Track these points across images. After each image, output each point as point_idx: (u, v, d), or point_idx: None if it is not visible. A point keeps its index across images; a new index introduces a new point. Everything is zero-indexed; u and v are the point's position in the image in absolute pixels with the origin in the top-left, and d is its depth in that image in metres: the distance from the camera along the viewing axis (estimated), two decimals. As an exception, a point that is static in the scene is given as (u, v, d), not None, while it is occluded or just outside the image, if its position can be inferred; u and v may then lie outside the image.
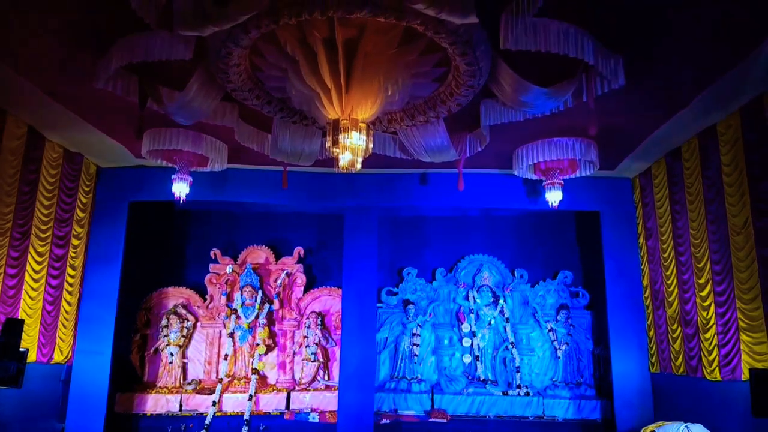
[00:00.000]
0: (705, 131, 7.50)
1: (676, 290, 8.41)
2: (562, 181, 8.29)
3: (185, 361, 10.14)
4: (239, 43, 5.31)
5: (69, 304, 8.93)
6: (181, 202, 8.44)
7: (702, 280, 7.67)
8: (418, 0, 4.46)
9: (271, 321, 10.32)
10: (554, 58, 5.23)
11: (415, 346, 10.18)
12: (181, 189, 8.29)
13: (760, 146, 6.49)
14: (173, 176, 8.28)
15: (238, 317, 10.08)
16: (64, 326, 8.83)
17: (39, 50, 5.82)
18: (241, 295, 10.09)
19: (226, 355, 10.00)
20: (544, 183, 8.47)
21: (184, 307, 10.30)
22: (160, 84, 6.33)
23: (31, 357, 7.96)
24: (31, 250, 8.13)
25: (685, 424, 7.30)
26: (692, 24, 5.17)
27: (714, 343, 7.38)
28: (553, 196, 8.35)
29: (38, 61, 6.04)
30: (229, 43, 5.29)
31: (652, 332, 9.21)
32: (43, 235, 8.34)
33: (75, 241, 9.04)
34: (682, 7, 4.91)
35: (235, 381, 9.92)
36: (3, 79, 6.34)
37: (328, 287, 10.56)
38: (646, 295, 9.41)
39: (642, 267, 9.52)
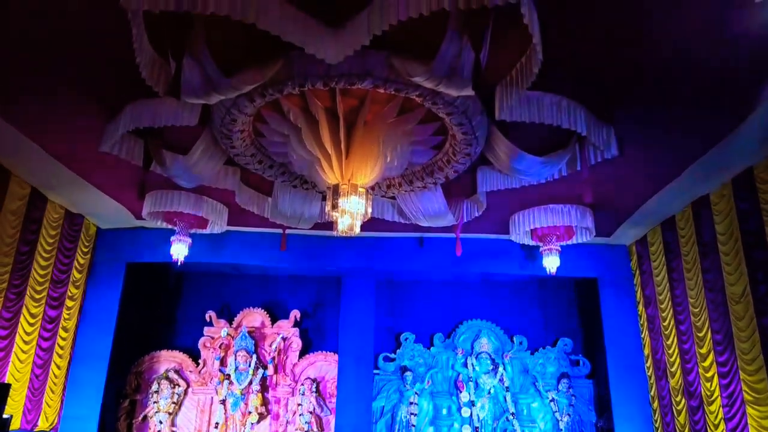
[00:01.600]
0: (698, 200, 7.63)
1: (678, 360, 8.25)
2: (559, 248, 8.34)
3: (174, 429, 9.76)
4: (244, 110, 5.50)
5: (58, 367, 8.72)
6: (179, 263, 8.43)
7: (704, 350, 7.55)
8: (417, 74, 4.67)
9: (264, 387, 10.03)
10: (549, 127, 5.41)
11: (412, 416, 9.83)
12: (179, 251, 8.31)
13: (753, 216, 6.57)
14: (172, 238, 8.32)
15: (230, 383, 9.80)
16: (52, 391, 8.58)
17: (47, 112, 5.98)
18: (235, 359, 9.87)
19: (217, 424, 9.64)
20: (541, 249, 8.52)
21: (176, 371, 10.04)
22: (164, 147, 6.49)
23: (15, 424, 7.67)
24: (24, 311, 8.03)
25: None
26: (683, 97, 5.35)
27: (720, 416, 7.16)
28: (551, 262, 8.37)
29: (45, 123, 6.20)
30: (234, 110, 5.48)
31: (656, 404, 8.95)
32: (37, 296, 8.27)
33: (69, 303, 8.95)
34: (673, 80, 5.11)
35: (225, 451, 9.51)
36: (9, 140, 6.48)
37: (324, 352, 10.35)
38: (647, 364, 9.23)
39: (642, 336, 9.39)
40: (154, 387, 9.75)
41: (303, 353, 10.31)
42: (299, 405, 9.81)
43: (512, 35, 4.46)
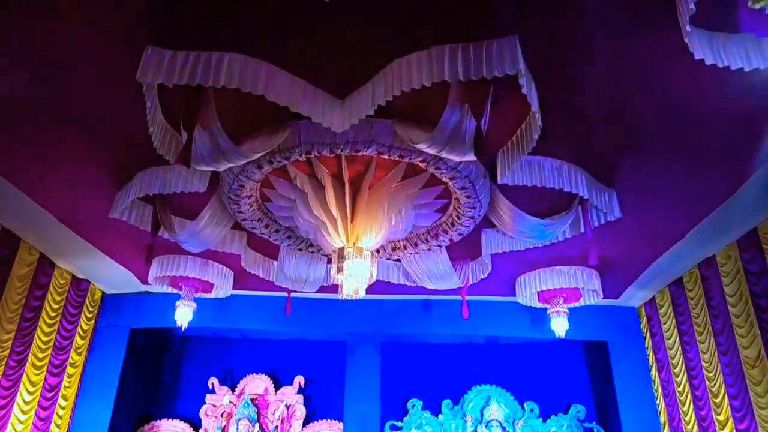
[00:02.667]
0: (705, 262, 7.59)
1: (695, 428, 7.94)
2: (566, 310, 8.24)
3: (172, 504, 9.34)
4: (252, 177, 5.63)
5: (56, 438, 8.47)
6: (183, 329, 8.36)
7: (722, 417, 7.28)
8: (420, 141, 4.82)
9: (266, 458, 9.66)
10: (552, 189, 5.49)
11: (420, 489, 9.39)
12: (184, 316, 8.25)
13: (762, 278, 6.52)
14: (177, 302, 8.29)
15: (232, 454, 9.46)
16: (47, 464, 8.29)
17: (57, 179, 6.11)
18: (237, 428, 9.56)
19: (217, 498, 9.22)
20: (548, 311, 8.41)
21: (176, 442, 9.71)
22: (172, 213, 6.60)
23: (4, 502, 7.38)
24: (24, 379, 7.89)
25: None
26: (682, 161, 5.44)
27: (744, 488, 6.81)
28: (559, 325, 8.24)
29: (55, 190, 6.33)
30: (243, 176, 5.61)
31: (676, 476, 8.53)
32: (39, 363, 8.15)
33: (71, 370, 8.80)
34: (672, 144, 5.21)
35: None
36: (19, 206, 6.60)
37: (329, 420, 10.01)
38: (665, 432, 8.87)
39: (657, 401, 9.07)
40: (153, 459, 9.41)
41: (307, 422, 9.98)
42: (302, 478, 9.41)
43: (512, 103, 4.61)
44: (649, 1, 3.60)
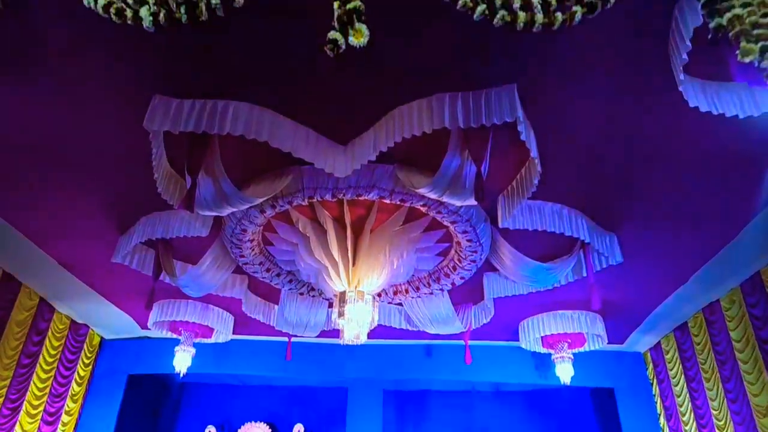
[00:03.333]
0: (709, 306, 7.52)
1: (708, 479, 7.67)
2: (571, 355, 8.10)
3: None
4: (254, 221, 5.67)
5: (45, 492, 8.20)
6: (181, 375, 8.22)
7: (735, 469, 7.05)
8: (421, 186, 4.87)
9: None
10: (554, 233, 5.50)
11: None
12: (183, 361, 8.13)
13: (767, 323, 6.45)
14: (176, 348, 8.18)
15: (227, 507, 9.12)
16: None
17: (60, 223, 6.14)
18: (233, 480, 9.27)
19: None
20: (553, 357, 8.28)
21: (170, 495, 9.39)
22: (174, 257, 6.60)
23: None
24: (18, 428, 7.71)
25: None
26: (683, 204, 5.48)
27: None
28: (564, 371, 8.09)
29: (58, 234, 6.35)
30: (245, 221, 5.64)
31: None
32: (33, 412, 7.98)
33: (65, 418, 8.60)
34: (672, 190, 5.25)
35: None
36: (22, 251, 6.62)
37: (329, 471, 9.72)
38: (677, 484, 8.56)
39: (668, 452, 8.81)
40: None
41: (306, 472, 9.68)
42: None
43: (512, 148, 4.69)
44: (644, 48, 3.71)
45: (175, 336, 8.28)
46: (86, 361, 9.05)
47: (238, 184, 5.06)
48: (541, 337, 8.11)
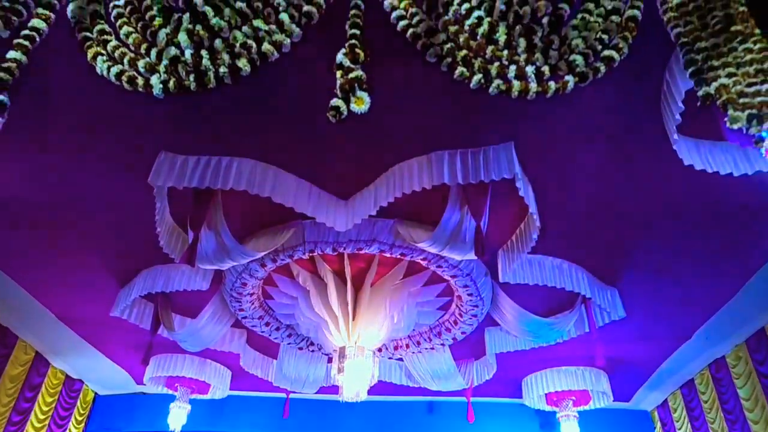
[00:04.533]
0: (716, 362, 7.38)
1: None
2: (576, 414, 7.88)
3: None
4: (255, 275, 5.66)
5: None
6: (175, 433, 7.99)
7: None
8: (421, 240, 4.91)
9: None
10: (555, 288, 5.49)
11: None
12: (178, 419, 7.91)
13: (776, 379, 6.32)
14: (171, 404, 7.98)
15: None
16: None
17: (60, 276, 6.13)
18: None
19: None
20: (558, 415, 8.05)
21: None
22: (173, 311, 6.55)
23: None
24: (5, 488, 7.43)
25: None
26: (684, 258, 5.47)
27: None
28: (570, 430, 7.85)
29: (58, 287, 6.33)
30: (246, 274, 5.64)
31: None
32: (21, 471, 7.71)
33: (54, 478, 8.30)
34: (672, 243, 5.26)
35: None
36: (21, 304, 6.57)
37: None
38: None
39: None
40: None
41: None
42: None
43: (511, 203, 4.74)
44: (637, 108, 3.82)
45: (170, 392, 8.09)
46: (79, 418, 8.81)
47: (240, 237, 5.10)
48: (545, 394, 7.92)
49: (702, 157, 3.85)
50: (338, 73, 1.98)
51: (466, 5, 2.16)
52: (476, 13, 2.13)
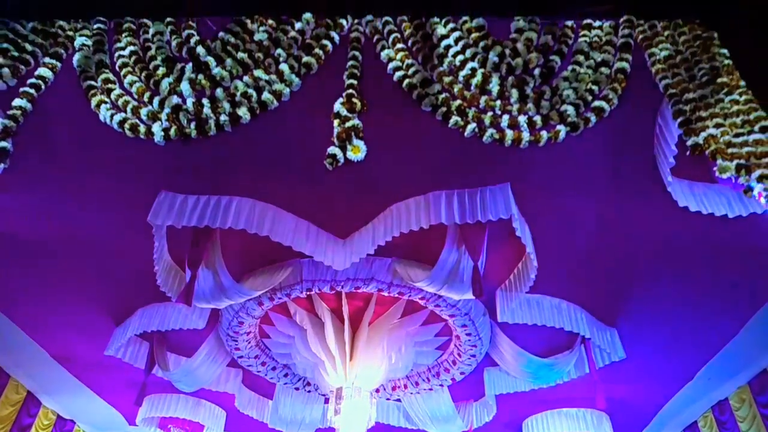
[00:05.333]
0: (719, 405, 7.25)
1: None
2: (579, 458, 7.69)
3: None
4: (252, 313, 5.63)
5: None
6: (167, 476, 7.77)
7: None
8: (419, 279, 4.90)
9: None
10: (554, 327, 5.46)
11: None
12: (169, 461, 7.72)
13: (782, 424, 6.20)
14: (163, 446, 7.80)
15: None
16: None
17: (57, 315, 6.08)
18: None
19: None
20: (560, 459, 7.85)
21: None
22: (168, 350, 6.48)
23: None
24: None
25: None
26: (684, 299, 5.44)
27: None
28: (572, 475, 7.64)
29: (53, 325, 6.27)
30: (242, 313, 5.61)
31: None
32: None
33: None
34: (671, 283, 5.25)
35: None
36: (15, 342, 6.48)
37: None
38: None
39: None
40: None
41: None
42: None
43: (509, 242, 4.76)
44: (631, 152, 3.88)
45: (163, 433, 7.91)
46: (69, 460, 8.58)
47: (238, 276, 5.10)
48: (547, 436, 7.75)
49: (696, 199, 3.90)
50: (336, 122, 2.03)
51: (460, 57, 2.24)
52: (470, 65, 2.21)
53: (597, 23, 2.34)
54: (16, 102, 2.12)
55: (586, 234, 4.72)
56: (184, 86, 2.18)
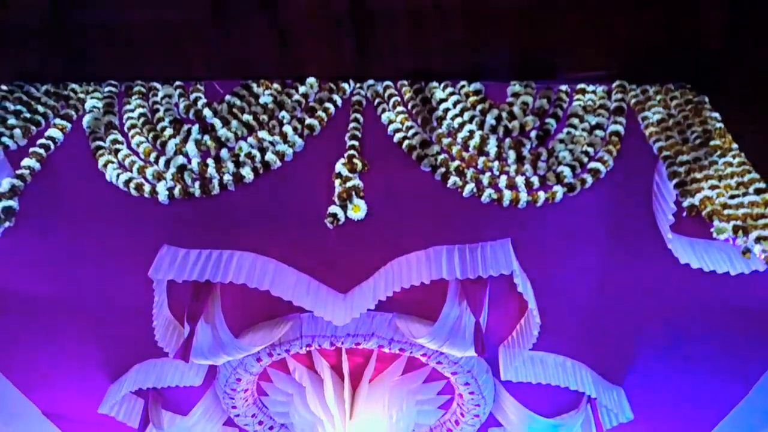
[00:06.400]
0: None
1: None
2: None
3: None
4: (250, 370, 5.54)
5: None
6: None
7: None
8: (421, 335, 4.85)
9: None
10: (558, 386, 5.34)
11: None
12: None
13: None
14: None
15: None
16: None
17: (50, 370, 5.92)
18: None
19: None
20: None
21: None
22: (163, 407, 6.32)
23: None
24: None
25: None
26: (691, 359, 5.35)
27: None
28: None
29: (46, 381, 6.14)
30: (240, 369, 5.52)
31: None
32: None
33: None
34: (678, 343, 5.17)
35: None
36: (5, 398, 6.32)
37: None
38: None
39: None
40: None
41: None
42: None
43: (511, 297, 4.74)
44: (630, 210, 3.92)
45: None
46: None
47: (237, 330, 5.04)
48: (555, 501, 7.42)
49: (697, 255, 3.90)
50: (337, 182, 2.08)
51: (458, 120, 2.32)
52: (468, 127, 2.28)
53: (590, 88, 2.44)
54: (26, 162, 2.18)
55: (589, 291, 4.70)
56: (190, 147, 2.25)
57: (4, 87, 2.17)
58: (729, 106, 2.02)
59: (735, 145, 2.07)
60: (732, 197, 1.97)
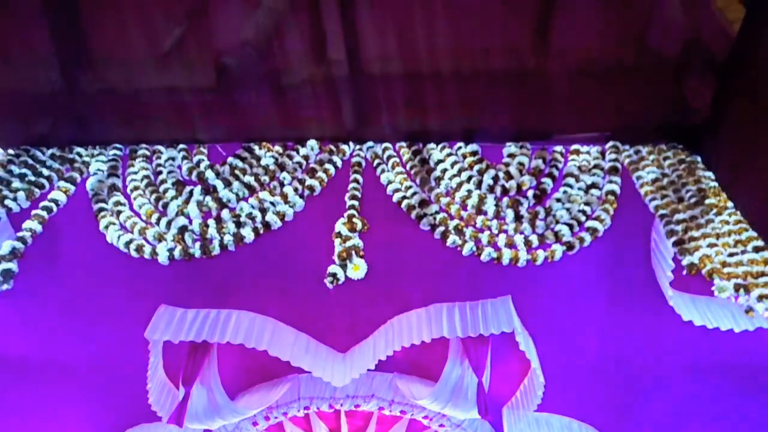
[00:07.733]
0: None
1: None
2: None
3: None
4: (246, 434, 5.36)
5: None
6: None
7: None
8: (422, 396, 4.73)
9: None
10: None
11: None
12: None
13: None
14: None
15: None
16: None
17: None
18: None
19: None
20: None
21: None
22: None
23: None
24: None
25: None
26: (700, 420, 5.18)
27: None
28: None
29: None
30: (236, 434, 5.34)
31: None
32: None
33: None
34: (686, 404, 5.06)
35: None
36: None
37: None
38: None
39: None
40: None
41: None
42: None
43: (514, 356, 4.66)
44: (631, 267, 3.92)
45: None
46: None
47: (233, 392, 4.92)
48: None
49: (700, 312, 3.86)
50: (337, 241, 2.10)
51: (456, 179, 2.37)
52: (466, 187, 2.33)
53: (585, 148, 2.51)
54: (27, 224, 2.21)
55: (594, 349, 4.63)
56: (192, 208, 2.28)
57: (11, 150, 2.23)
58: (721, 166, 2.08)
59: (730, 204, 2.11)
60: (731, 255, 1.98)
